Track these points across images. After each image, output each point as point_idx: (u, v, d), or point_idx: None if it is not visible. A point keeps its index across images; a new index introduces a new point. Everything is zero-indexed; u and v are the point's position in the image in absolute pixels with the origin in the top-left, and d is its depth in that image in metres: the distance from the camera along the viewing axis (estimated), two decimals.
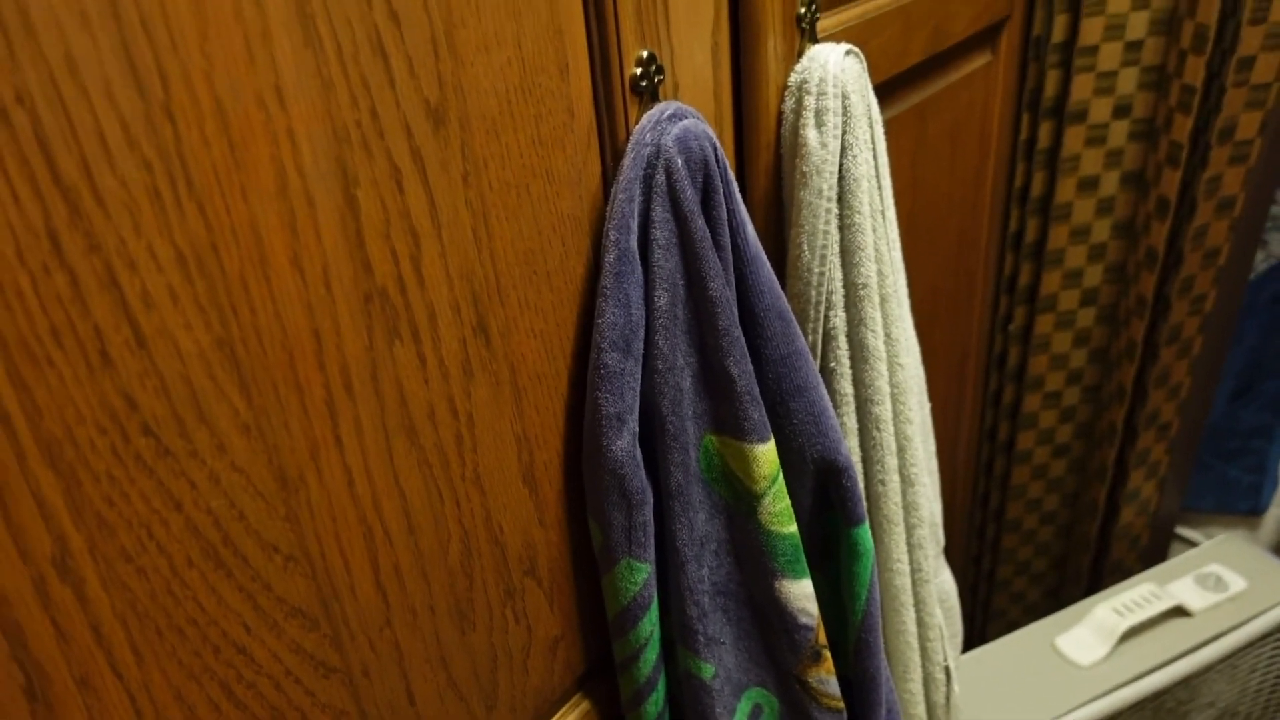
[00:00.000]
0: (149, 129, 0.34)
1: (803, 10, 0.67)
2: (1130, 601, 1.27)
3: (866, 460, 0.77)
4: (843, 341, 0.73)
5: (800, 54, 0.69)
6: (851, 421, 0.75)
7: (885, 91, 0.84)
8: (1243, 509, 1.75)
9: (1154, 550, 1.51)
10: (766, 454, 0.60)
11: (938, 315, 1.11)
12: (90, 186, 0.33)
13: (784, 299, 0.61)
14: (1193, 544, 1.60)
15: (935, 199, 1.00)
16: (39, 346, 0.33)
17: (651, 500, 0.59)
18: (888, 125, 0.86)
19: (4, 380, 0.33)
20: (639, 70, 0.55)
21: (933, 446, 0.89)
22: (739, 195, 0.59)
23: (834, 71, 0.66)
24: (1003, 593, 1.56)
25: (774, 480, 0.60)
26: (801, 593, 0.64)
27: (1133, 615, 1.24)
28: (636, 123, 0.56)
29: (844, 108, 0.67)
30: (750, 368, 0.58)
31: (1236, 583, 1.29)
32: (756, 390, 0.59)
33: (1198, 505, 1.77)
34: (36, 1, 0.31)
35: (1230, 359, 2.18)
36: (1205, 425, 1.46)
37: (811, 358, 0.64)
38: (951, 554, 1.43)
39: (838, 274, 0.71)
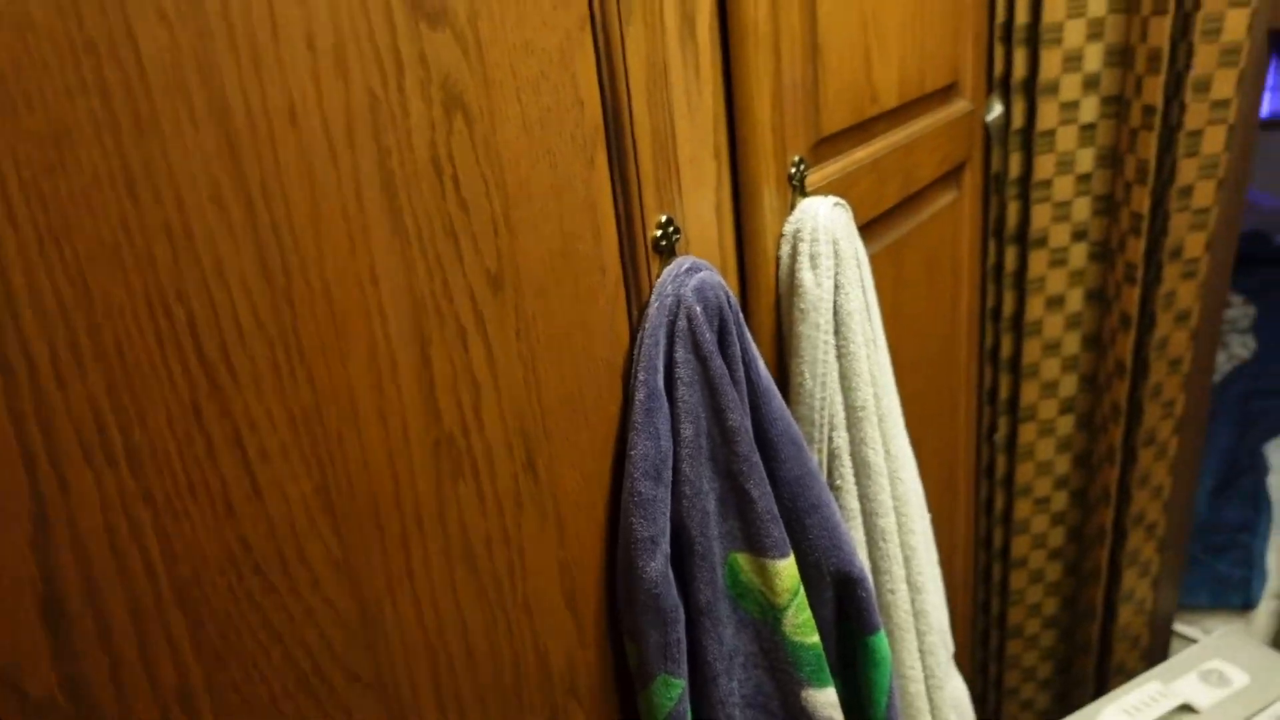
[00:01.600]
0: (274, 313, 0.41)
1: (793, 170, 0.77)
2: (1138, 702, 1.29)
3: (875, 570, 0.82)
4: (846, 460, 0.79)
5: (793, 206, 0.77)
6: (859, 534, 0.81)
7: (865, 233, 0.93)
8: (1236, 603, 1.78)
9: (1155, 648, 1.54)
10: (788, 569, 0.65)
11: (925, 431, 1.18)
12: (226, 363, 0.40)
13: (794, 425, 0.68)
14: (1192, 640, 1.63)
15: (916, 324, 1.09)
16: (179, 502, 0.39)
17: (683, 618, 0.64)
18: (869, 262, 0.95)
19: (151, 534, 0.38)
20: (659, 232, 0.63)
21: (935, 555, 0.94)
22: (749, 335, 0.66)
23: (824, 221, 0.75)
24: (1012, 701, 1.57)
25: (795, 593, 0.65)
26: (827, 701, 0.68)
27: (1141, 716, 1.26)
28: (658, 276, 0.63)
29: (835, 251, 0.75)
30: (769, 489, 0.64)
31: (1239, 677, 1.32)
32: (775, 509, 0.64)
33: (1193, 602, 1.80)
34: (198, 217, 0.38)
35: (1208, 457, 2.25)
36: (1192, 522, 1.51)
37: (822, 478, 0.70)
38: (959, 662, 1.45)
39: (838, 398, 0.78)
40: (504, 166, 0.51)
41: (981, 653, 1.54)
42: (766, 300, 0.78)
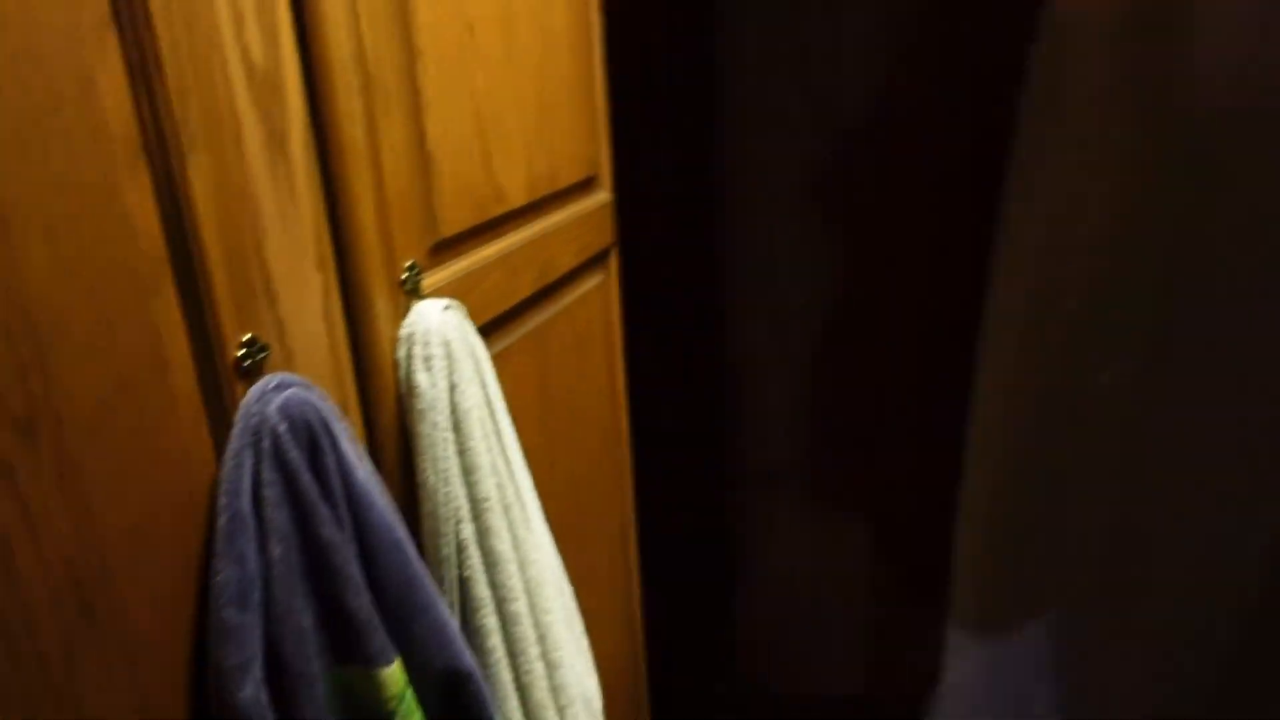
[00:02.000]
0: None
1: (405, 275, 0.79)
2: None
3: (511, 654, 0.86)
4: (474, 550, 0.82)
5: (408, 310, 0.80)
6: (492, 621, 0.84)
7: (503, 322, 0.98)
8: None
9: None
10: (392, 675, 0.66)
11: (591, 503, 1.25)
12: None
13: (398, 530, 0.70)
14: None
15: (570, 404, 1.15)
16: None
17: None
18: (510, 349, 1.00)
19: None
20: (242, 353, 0.63)
21: (579, 627, 1.00)
22: (349, 444, 0.68)
23: (435, 324, 0.78)
24: None
25: (401, 698, 0.67)
26: None
27: None
28: (244, 397, 0.63)
29: (448, 353, 0.79)
30: (367, 599, 0.65)
31: None
32: (377, 618, 0.66)
33: None
34: None
35: None
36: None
37: (430, 580, 0.72)
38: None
39: (461, 491, 0.81)
40: (31, 309, 0.49)
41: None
42: (388, 401, 0.80)
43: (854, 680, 1.59)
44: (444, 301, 0.81)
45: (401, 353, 0.79)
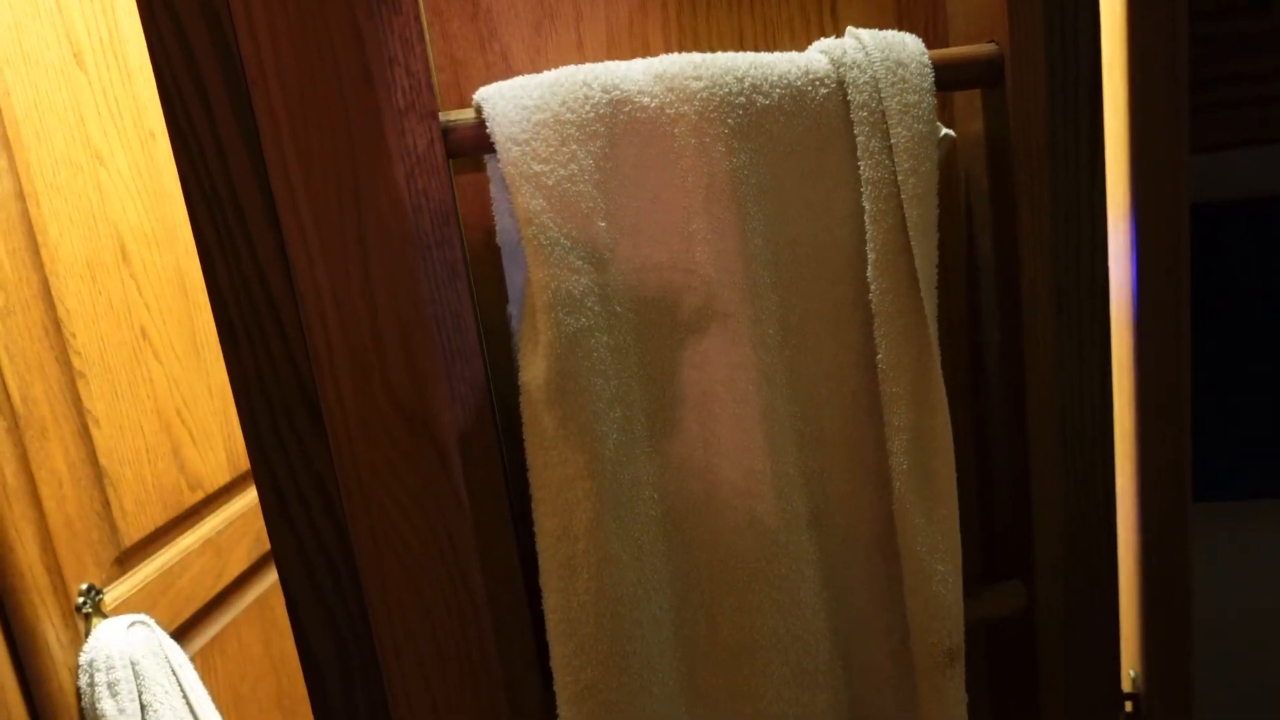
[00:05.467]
0: None
1: (81, 600, 0.77)
2: None
3: None
4: None
5: (88, 633, 0.77)
6: None
7: (217, 603, 0.96)
8: None
9: None
10: None
11: None
12: None
13: None
14: None
15: None
16: None
17: None
18: (230, 627, 0.97)
19: None
20: None
21: None
22: None
23: (118, 647, 0.76)
24: None
25: None
26: None
27: None
28: None
29: (135, 673, 0.77)
30: None
31: None
32: None
33: None
34: None
35: None
36: None
37: None
38: None
39: None
40: None
41: None
42: None
43: None
44: (129, 618, 0.79)
45: (83, 682, 0.76)
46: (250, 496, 1.05)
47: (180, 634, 0.87)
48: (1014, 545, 0.61)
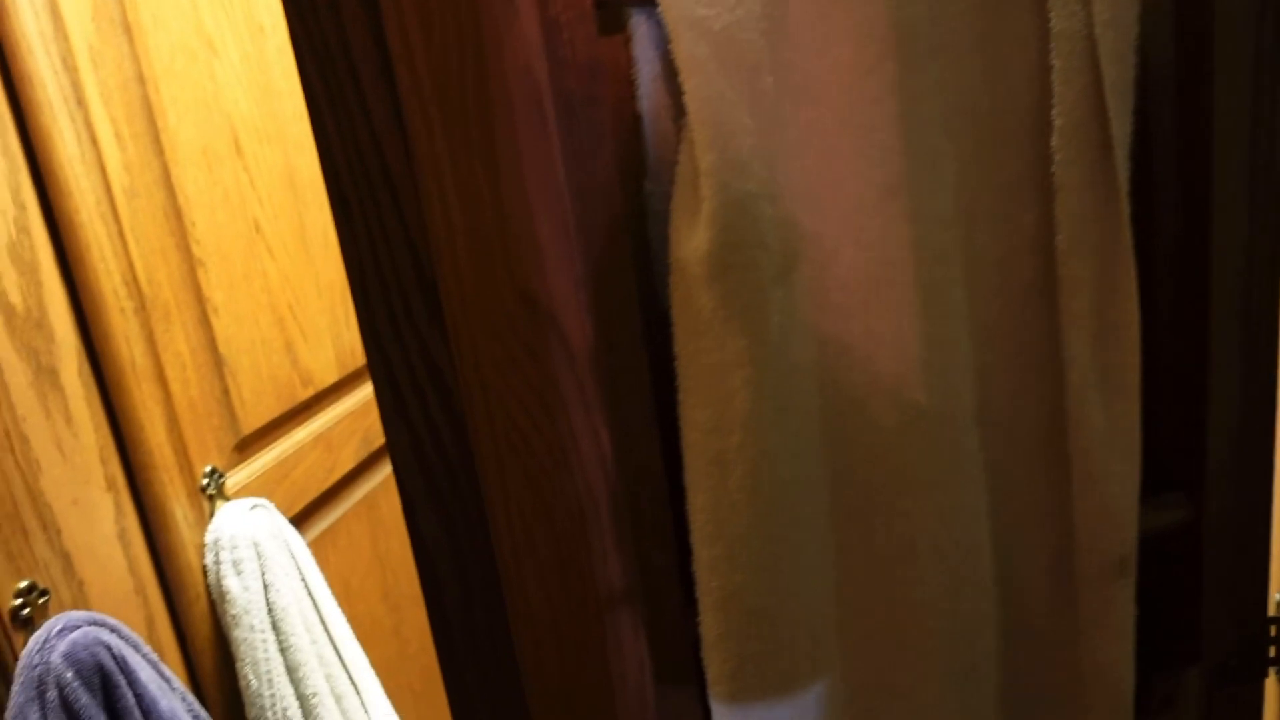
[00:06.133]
0: None
1: (206, 481, 0.79)
2: None
3: None
4: None
5: (212, 515, 0.80)
6: None
7: (328, 497, 0.98)
8: None
9: None
10: None
11: None
12: None
13: None
14: None
15: (409, 563, 1.15)
16: None
17: None
18: (339, 522, 0.99)
19: None
20: (19, 602, 0.61)
21: None
22: (151, 672, 0.66)
23: (242, 527, 0.78)
24: None
25: None
26: None
27: None
28: (24, 648, 0.61)
29: (258, 553, 0.78)
30: None
31: None
32: None
33: None
34: None
35: None
36: None
37: None
38: None
39: (288, 690, 0.79)
40: None
41: None
42: (200, 609, 0.78)
43: None
44: (250, 501, 0.81)
45: (209, 559, 0.78)
46: (358, 396, 1.06)
47: (295, 524, 0.89)
48: (1177, 451, 0.56)
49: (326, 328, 1.00)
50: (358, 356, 1.06)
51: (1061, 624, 0.50)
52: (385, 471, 1.11)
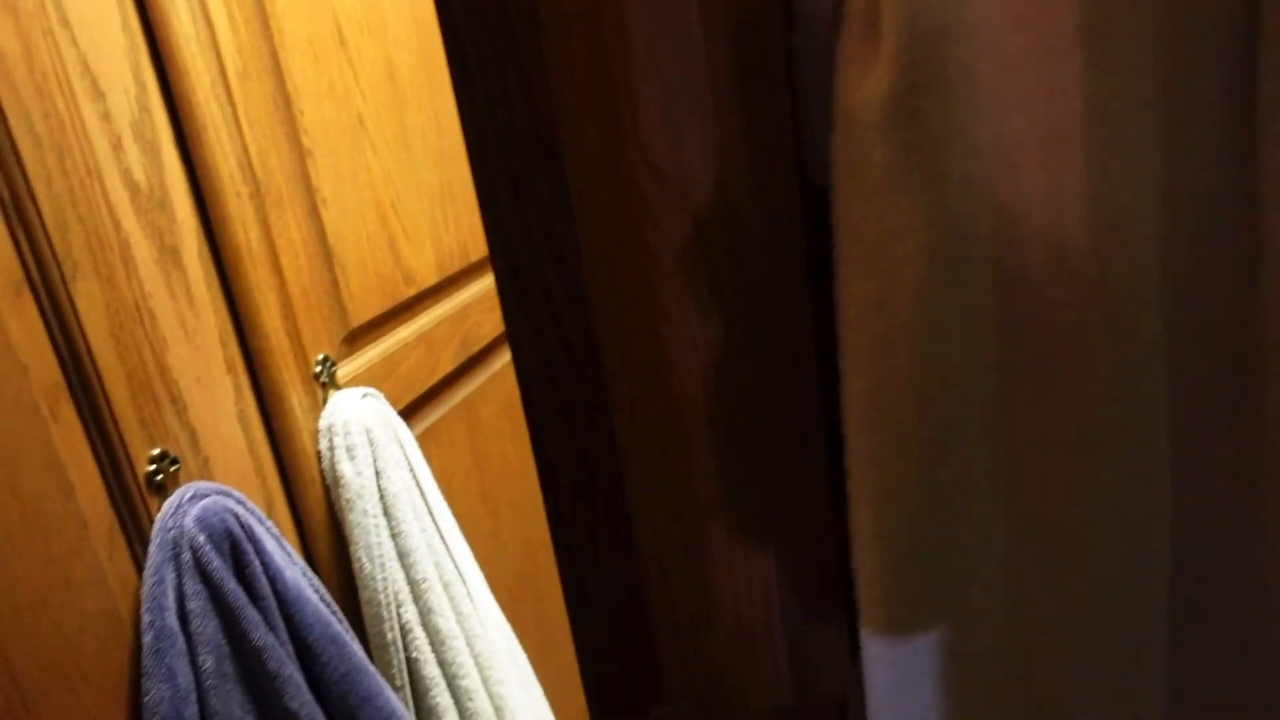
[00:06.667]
0: None
1: (319, 369, 0.80)
2: None
3: None
4: (419, 631, 0.82)
5: (325, 402, 0.81)
6: (445, 699, 0.83)
7: (428, 398, 0.99)
8: None
9: None
10: None
11: (539, 562, 1.25)
12: None
13: (335, 624, 0.70)
14: None
15: (505, 468, 1.16)
16: None
17: None
18: (439, 423, 1.01)
19: None
20: (153, 468, 0.63)
21: (537, 691, 0.99)
22: (275, 544, 0.68)
23: (354, 414, 0.79)
24: None
25: None
26: None
27: None
28: (159, 512, 0.63)
29: (370, 440, 0.80)
30: (310, 698, 0.65)
31: None
32: (319, 714, 0.65)
33: None
34: None
35: None
36: None
37: (373, 669, 0.72)
38: None
39: (399, 574, 0.81)
40: None
41: None
42: (315, 493, 0.80)
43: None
44: (361, 390, 0.82)
45: (323, 445, 0.80)
46: (457, 299, 1.06)
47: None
48: None
49: (426, 229, 1.00)
50: (455, 259, 1.06)
51: (1241, 528, 0.46)
52: (484, 377, 1.12)
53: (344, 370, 0.85)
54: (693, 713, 0.54)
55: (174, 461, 0.65)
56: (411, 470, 0.84)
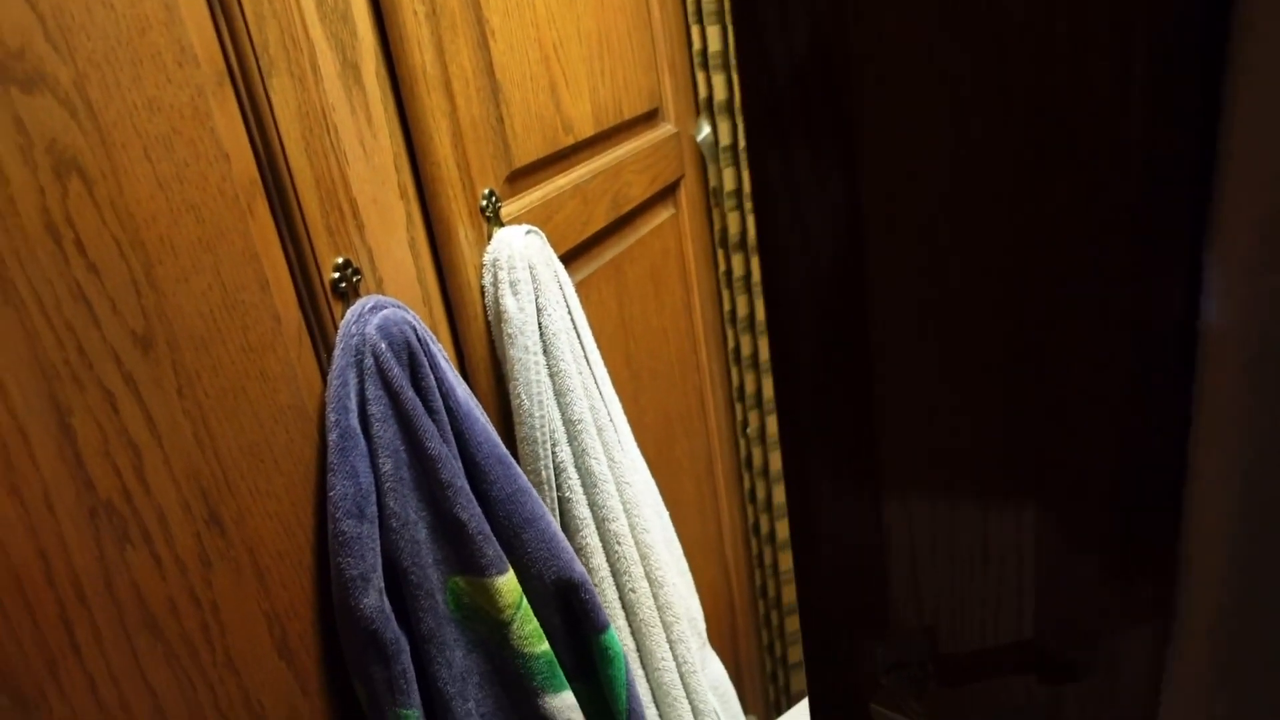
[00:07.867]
0: None
1: (485, 202, 0.80)
2: None
3: (615, 572, 0.86)
4: (572, 471, 0.83)
5: (490, 237, 0.81)
6: (594, 540, 0.85)
7: (579, 252, 0.99)
8: None
9: None
10: (507, 584, 0.67)
11: (676, 430, 1.25)
12: None
13: (501, 445, 0.70)
14: None
15: (647, 333, 1.15)
16: None
17: (407, 648, 0.65)
18: (589, 279, 1.00)
19: None
20: (337, 275, 0.64)
21: (678, 548, 1.00)
22: (446, 363, 0.69)
23: (519, 249, 0.79)
24: (800, 674, 1.68)
25: (518, 606, 0.68)
26: (564, 704, 0.70)
27: None
28: (342, 318, 0.64)
29: (533, 276, 0.79)
30: (478, 510, 0.66)
31: None
32: (488, 529, 0.67)
33: None
34: None
35: None
36: None
37: (536, 492, 0.73)
38: (742, 644, 1.53)
39: (555, 414, 0.82)
40: (139, 225, 0.51)
41: (766, 632, 1.64)
42: (477, 327, 0.81)
43: None
44: (525, 227, 0.81)
45: (487, 278, 0.80)
46: (611, 156, 1.04)
47: None
48: None
49: (585, 78, 0.98)
50: (610, 114, 1.04)
51: None
52: (632, 239, 1.10)
53: (506, 209, 0.84)
54: (928, 650, 0.49)
55: (357, 271, 0.66)
56: (569, 311, 0.84)
